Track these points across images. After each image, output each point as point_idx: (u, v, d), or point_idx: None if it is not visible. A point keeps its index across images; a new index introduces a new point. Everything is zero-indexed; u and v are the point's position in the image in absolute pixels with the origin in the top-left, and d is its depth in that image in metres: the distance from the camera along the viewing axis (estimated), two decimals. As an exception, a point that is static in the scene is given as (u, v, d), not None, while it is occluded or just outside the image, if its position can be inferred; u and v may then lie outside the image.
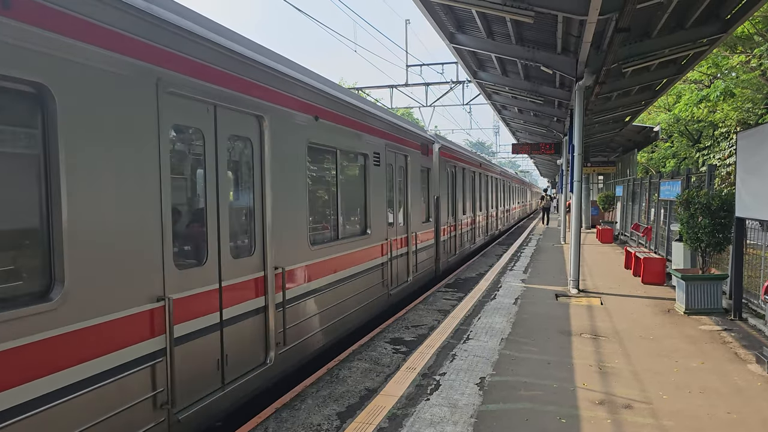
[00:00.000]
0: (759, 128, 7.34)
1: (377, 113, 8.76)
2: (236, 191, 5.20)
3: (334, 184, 7.24)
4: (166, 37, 4.01)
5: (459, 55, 12.53)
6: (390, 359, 6.51)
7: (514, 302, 9.25)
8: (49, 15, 3.12)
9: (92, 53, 3.39)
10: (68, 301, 3.22)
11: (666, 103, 27.33)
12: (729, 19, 9.22)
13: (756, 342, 6.74)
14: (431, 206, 12.21)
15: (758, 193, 6.94)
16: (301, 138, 6.08)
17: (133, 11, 3.68)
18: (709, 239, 8.32)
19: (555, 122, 19.02)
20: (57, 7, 3.16)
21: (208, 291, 4.53)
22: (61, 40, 3.19)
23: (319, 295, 6.54)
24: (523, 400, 4.94)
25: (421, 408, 4.75)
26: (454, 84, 22.92)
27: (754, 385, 5.31)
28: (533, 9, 7.81)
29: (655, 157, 33.56)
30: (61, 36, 3.19)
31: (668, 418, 4.56)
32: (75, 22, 3.27)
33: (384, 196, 8.94)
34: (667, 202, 12.87)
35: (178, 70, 4.14)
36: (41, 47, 3.07)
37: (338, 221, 7.32)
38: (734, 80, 19.73)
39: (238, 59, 4.88)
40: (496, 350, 6.47)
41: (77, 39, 3.29)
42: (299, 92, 6.00)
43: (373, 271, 8.45)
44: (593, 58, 9.47)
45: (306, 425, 4.63)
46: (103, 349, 3.49)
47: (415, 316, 8.73)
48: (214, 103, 4.58)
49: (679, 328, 7.51)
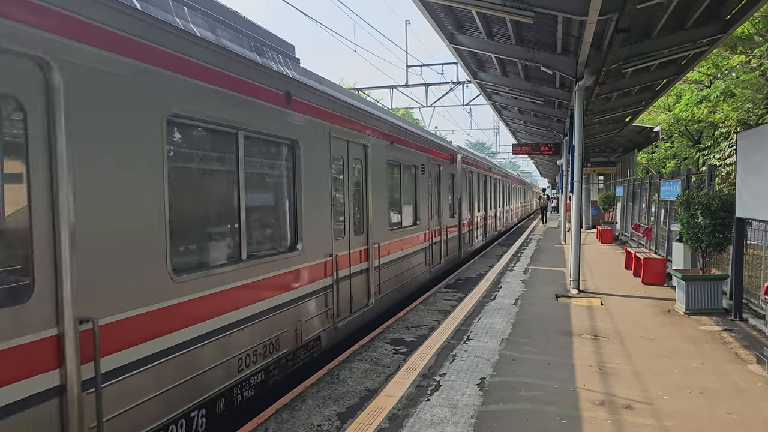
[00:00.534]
0: (759, 128, 7.34)
1: (423, 135, 12.14)
2: (356, 195, 7.80)
3: (399, 188, 9.92)
4: (332, 105, 6.80)
5: (459, 56, 12.53)
6: (390, 360, 6.50)
7: (514, 303, 9.25)
8: (309, 108, 6.13)
9: (316, 123, 6.36)
10: (302, 253, 6.04)
11: (666, 104, 27.31)
12: (729, 20, 9.22)
13: (756, 342, 6.73)
14: (455, 205, 14.90)
15: (758, 194, 6.94)
16: (383, 157, 8.80)
17: (335, 99, 6.85)
18: (709, 239, 8.32)
19: (555, 123, 19.02)
20: (315, 105, 6.29)
21: (346, 253, 7.32)
22: (309, 119, 6.15)
23: (394, 264, 9.32)
24: (524, 401, 4.94)
25: (421, 408, 4.75)
26: (454, 84, 22.93)
27: (754, 386, 5.31)
28: (533, 9, 7.81)
29: (655, 158, 33.54)
30: (309, 117, 6.15)
31: (669, 418, 4.56)
32: (322, 113, 6.47)
33: (427, 196, 11.75)
34: (667, 203, 12.87)
35: (334, 123, 6.86)
36: (299, 122, 5.93)
37: (401, 214, 10.13)
38: (734, 80, 19.71)
39: (358, 111, 7.71)
40: (496, 351, 6.46)
41: (318, 118, 6.38)
42: (384, 127, 8.84)
43: (420, 252, 11.20)
44: (593, 59, 9.48)
45: (306, 426, 4.63)
46: (313, 279, 6.31)
47: (416, 317, 8.72)
48: (347, 140, 7.34)
49: (680, 329, 7.50)
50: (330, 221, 6.76)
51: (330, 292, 6.75)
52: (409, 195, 10.57)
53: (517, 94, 15.39)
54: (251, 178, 5.27)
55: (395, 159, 9.45)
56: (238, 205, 4.98)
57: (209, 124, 4.59)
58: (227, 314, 4.69)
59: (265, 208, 5.74)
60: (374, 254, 8.24)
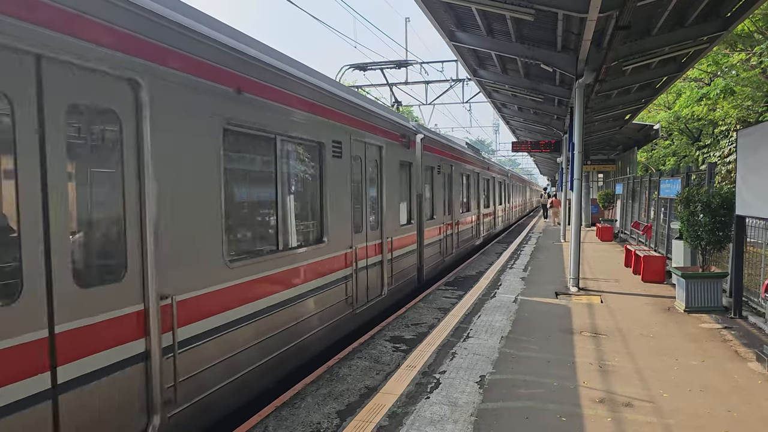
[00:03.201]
0: (759, 126, 7.33)
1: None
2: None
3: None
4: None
5: (459, 53, 12.50)
6: (390, 357, 6.50)
7: (514, 300, 9.25)
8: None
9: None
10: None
11: (666, 101, 27.30)
12: (729, 17, 9.20)
13: (756, 340, 6.73)
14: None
15: (759, 191, 6.93)
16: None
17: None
18: (709, 237, 8.31)
19: (555, 120, 18.99)
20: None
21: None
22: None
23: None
24: (524, 399, 4.93)
25: (421, 406, 4.75)
26: (454, 82, 22.88)
27: (754, 383, 5.31)
28: (533, 7, 7.78)
29: (655, 155, 33.52)
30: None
31: (669, 416, 4.56)
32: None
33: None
34: (667, 200, 12.86)
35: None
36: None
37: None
38: (734, 78, 19.69)
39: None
40: (496, 348, 6.46)
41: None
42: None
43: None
44: (593, 56, 9.46)
45: (306, 423, 4.63)
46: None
47: (415, 314, 8.72)
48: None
49: (680, 326, 7.50)
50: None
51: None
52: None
53: (517, 91, 15.36)
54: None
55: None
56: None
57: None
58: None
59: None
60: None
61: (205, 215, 4.40)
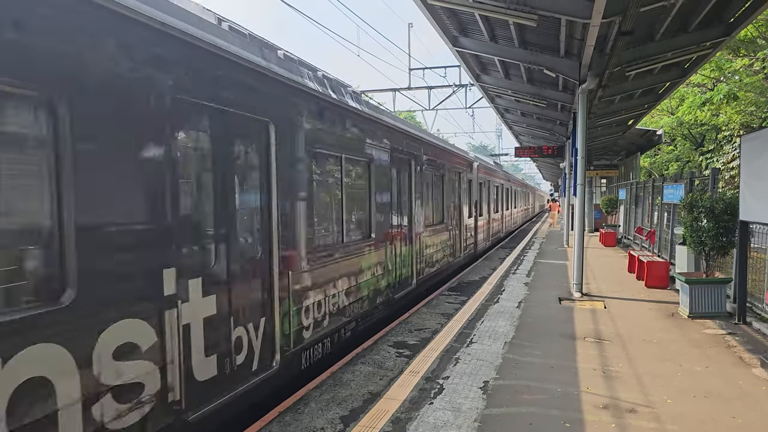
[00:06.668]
0: (762, 131, 7.32)
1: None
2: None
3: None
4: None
5: (462, 59, 12.55)
6: (393, 363, 6.50)
7: (517, 306, 9.23)
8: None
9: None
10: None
11: (669, 107, 27.27)
12: (732, 23, 9.22)
13: (760, 346, 6.71)
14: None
15: (762, 197, 6.92)
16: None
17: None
18: (712, 243, 8.30)
19: (558, 125, 19.01)
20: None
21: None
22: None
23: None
24: (527, 404, 4.93)
25: (424, 412, 4.75)
26: (457, 87, 22.92)
27: (758, 390, 5.29)
28: (536, 12, 7.82)
29: (658, 161, 33.46)
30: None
31: (672, 422, 4.55)
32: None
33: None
34: (670, 206, 12.84)
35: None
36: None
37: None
38: (737, 83, 19.68)
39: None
40: (499, 354, 6.45)
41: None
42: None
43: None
44: (596, 62, 9.47)
45: (309, 429, 4.62)
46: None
47: (419, 320, 8.71)
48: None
49: (683, 332, 7.48)
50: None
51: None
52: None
53: (519, 97, 15.40)
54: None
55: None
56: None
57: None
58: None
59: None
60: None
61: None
